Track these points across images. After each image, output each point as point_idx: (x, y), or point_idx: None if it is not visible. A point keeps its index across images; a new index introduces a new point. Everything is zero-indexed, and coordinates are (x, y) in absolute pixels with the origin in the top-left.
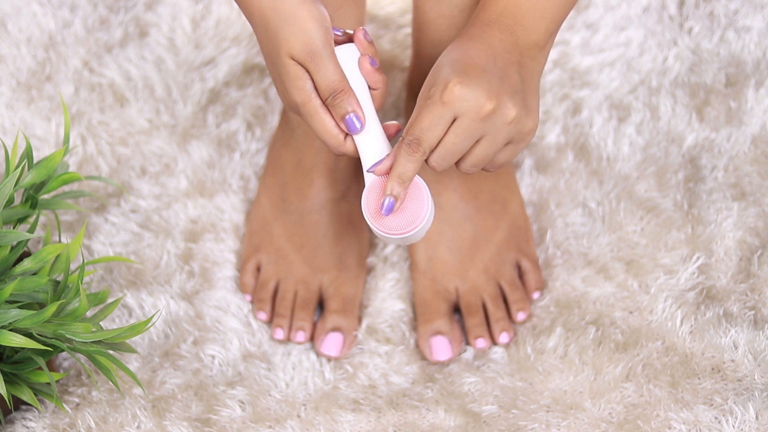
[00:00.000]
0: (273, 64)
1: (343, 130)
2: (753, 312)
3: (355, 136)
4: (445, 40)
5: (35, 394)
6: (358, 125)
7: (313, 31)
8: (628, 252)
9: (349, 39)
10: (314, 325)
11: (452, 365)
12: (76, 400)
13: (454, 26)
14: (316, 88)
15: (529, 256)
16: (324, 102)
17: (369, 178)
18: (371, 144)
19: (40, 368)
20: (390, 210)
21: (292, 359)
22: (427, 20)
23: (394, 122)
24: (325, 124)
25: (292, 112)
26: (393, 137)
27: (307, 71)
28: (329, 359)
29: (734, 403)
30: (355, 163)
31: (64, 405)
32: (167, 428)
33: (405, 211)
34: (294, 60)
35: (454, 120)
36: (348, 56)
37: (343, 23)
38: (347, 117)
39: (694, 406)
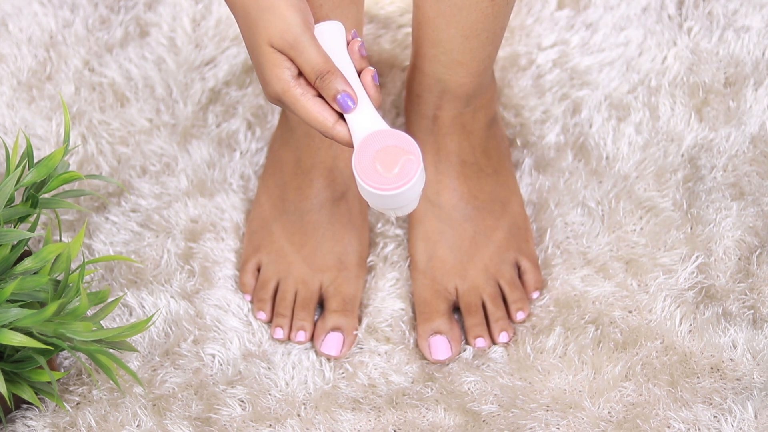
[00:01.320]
0: (254, 54)
1: (331, 115)
2: (752, 311)
3: (347, 116)
4: (444, 39)
5: (36, 393)
6: (350, 104)
7: (291, 18)
8: (627, 251)
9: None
10: (314, 325)
11: (452, 364)
12: (77, 398)
13: (454, 25)
14: (297, 76)
15: (528, 255)
16: (313, 86)
17: (358, 139)
18: (365, 120)
19: (41, 367)
20: (345, 103)
21: (292, 358)
22: (427, 19)
23: (369, 68)
24: (309, 110)
25: (274, 104)
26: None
27: (290, 59)
28: (329, 359)
29: (733, 402)
30: None
31: (65, 404)
32: (167, 427)
33: (396, 169)
34: (274, 48)
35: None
36: (329, 34)
37: (341, 21)
38: (339, 97)
39: (693, 405)
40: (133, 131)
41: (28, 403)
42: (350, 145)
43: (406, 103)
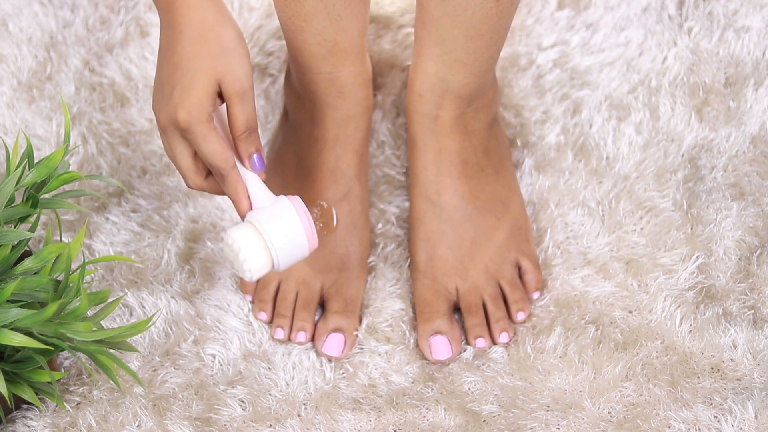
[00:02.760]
0: (188, 75)
1: (231, 157)
2: (752, 311)
3: (249, 174)
4: (448, 39)
5: (36, 393)
6: (258, 165)
7: (248, 69)
8: (627, 251)
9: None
10: (315, 326)
11: (452, 364)
12: (77, 399)
13: (458, 25)
14: (211, 114)
15: (529, 256)
16: (238, 136)
17: (266, 197)
18: (261, 184)
19: (41, 367)
20: (257, 162)
21: (292, 358)
22: (431, 18)
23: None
24: (217, 144)
25: (165, 126)
26: None
27: (228, 103)
28: (330, 359)
29: (733, 402)
30: (356, 163)
31: (65, 404)
32: (168, 427)
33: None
34: (216, 86)
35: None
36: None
37: (350, 21)
38: (255, 155)
39: (694, 405)
40: (133, 131)
41: (29, 403)
42: (240, 193)
43: (407, 103)
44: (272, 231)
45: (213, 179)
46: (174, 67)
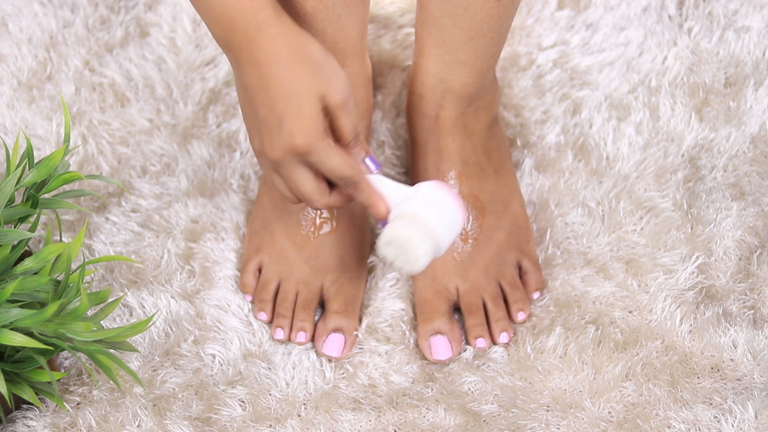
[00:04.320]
0: (290, 101)
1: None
2: (752, 311)
3: (375, 177)
4: (449, 39)
5: (36, 393)
6: (375, 166)
7: (343, 76)
8: (627, 251)
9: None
10: (315, 326)
11: (452, 364)
12: (77, 399)
13: (459, 25)
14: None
15: (529, 256)
16: (348, 143)
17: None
18: (392, 182)
19: (41, 367)
20: (372, 163)
21: (292, 358)
22: (432, 18)
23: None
24: (342, 157)
25: (279, 161)
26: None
27: (333, 116)
28: (330, 359)
29: (733, 402)
30: None
31: (65, 404)
32: (168, 427)
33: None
34: (322, 102)
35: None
36: None
37: (350, 21)
38: (368, 157)
39: (694, 405)
40: (133, 131)
41: (29, 403)
42: (375, 196)
43: (407, 103)
44: (430, 214)
45: (337, 192)
46: (274, 98)
